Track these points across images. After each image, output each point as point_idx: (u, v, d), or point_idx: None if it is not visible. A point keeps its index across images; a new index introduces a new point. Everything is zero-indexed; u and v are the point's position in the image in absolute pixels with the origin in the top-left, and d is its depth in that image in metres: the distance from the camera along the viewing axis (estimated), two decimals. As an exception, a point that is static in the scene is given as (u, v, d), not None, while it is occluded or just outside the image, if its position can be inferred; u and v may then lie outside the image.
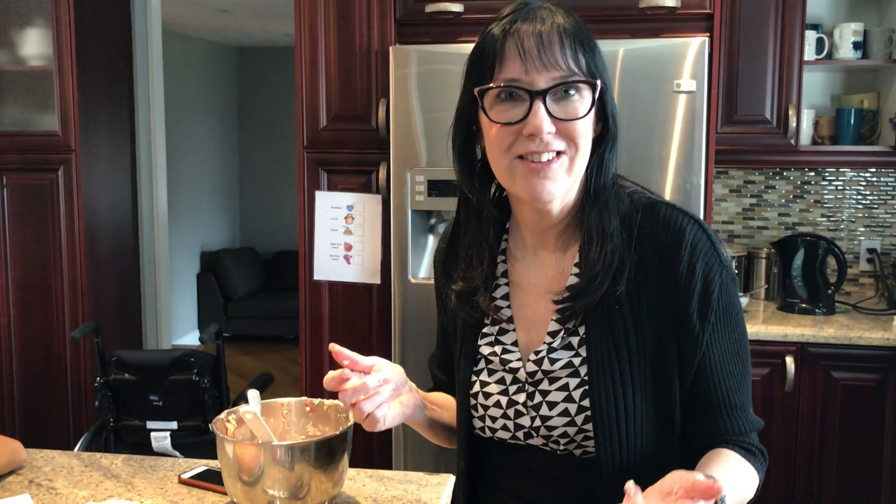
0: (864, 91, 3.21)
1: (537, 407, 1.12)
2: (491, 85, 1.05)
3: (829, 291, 2.94)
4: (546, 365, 1.11)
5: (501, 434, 1.17)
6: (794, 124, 2.88)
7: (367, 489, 1.45)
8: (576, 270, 1.12)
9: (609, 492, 1.07)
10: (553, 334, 1.12)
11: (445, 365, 1.35)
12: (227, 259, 7.55)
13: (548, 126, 1.02)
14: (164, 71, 4.11)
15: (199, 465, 1.53)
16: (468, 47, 2.61)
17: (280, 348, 7.13)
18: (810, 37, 2.99)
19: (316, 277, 2.82)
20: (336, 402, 1.42)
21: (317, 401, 1.44)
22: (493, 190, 1.19)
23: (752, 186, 3.35)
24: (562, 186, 1.06)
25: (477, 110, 1.09)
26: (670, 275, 1.07)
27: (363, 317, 2.84)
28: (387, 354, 2.76)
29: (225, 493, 1.37)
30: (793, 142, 2.91)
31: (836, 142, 3.11)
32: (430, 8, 2.66)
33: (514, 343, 1.16)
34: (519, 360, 1.14)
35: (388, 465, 2.78)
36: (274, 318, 7.29)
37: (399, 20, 2.73)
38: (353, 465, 1.50)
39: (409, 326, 2.68)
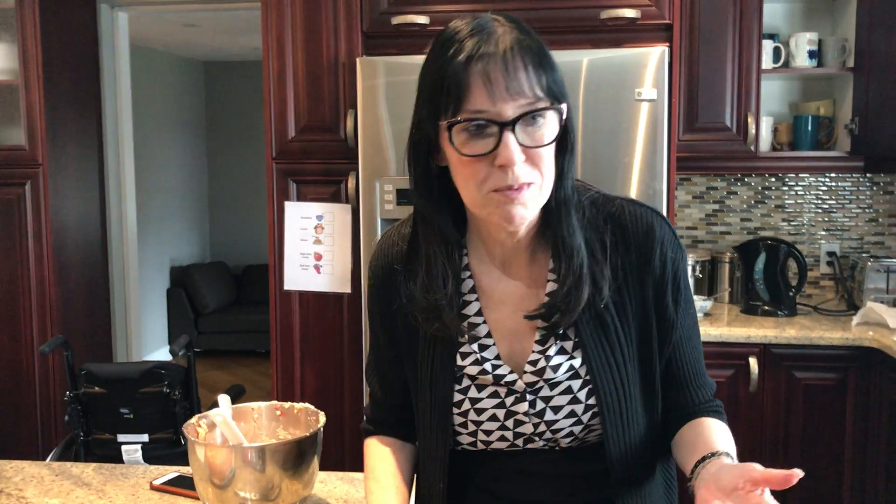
0: (820, 98, 3.30)
1: (541, 413, 1.13)
2: (458, 119, 1.01)
3: (791, 294, 3.01)
4: (548, 374, 1.12)
5: (497, 445, 1.15)
6: (754, 131, 2.96)
7: (338, 491, 1.47)
8: (552, 277, 1.13)
9: (619, 477, 1.13)
10: (542, 341, 1.13)
11: (395, 389, 1.27)
12: (198, 274, 7.51)
13: (518, 156, 1.01)
14: (132, 85, 4.11)
15: (171, 472, 1.54)
16: (434, 58, 2.64)
17: (251, 362, 7.10)
18: (767, 46, 3.07)
19: (286, 287, 2.83)
20: (306, 405, 1.44)
21: (287, 404, 1.46)
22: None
23: (715, 192, 3.42)
24: (533, 210, 1.07)
25: (437, 136, 1.07)
26: (648, 270, 1.13)
27: (334, 326, 2.85)
28: (358, 363, 2.78)
29: (197, 498, 1.39)
30: (753, 148, 2.98)
31: (795, 148, 3.19)
32: (396, 20, 2.70)
33: (498, 357, 1.14)
34: (512, 372, 1.13)
35: (360, 469, 2.79)
36: (245, 332, 7.26)
37: (366, 32, 2.76)
38: (325, 468, 1.53)
39: (380, 334, 2.71)
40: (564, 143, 1.09)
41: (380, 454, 1.28)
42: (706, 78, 2.97)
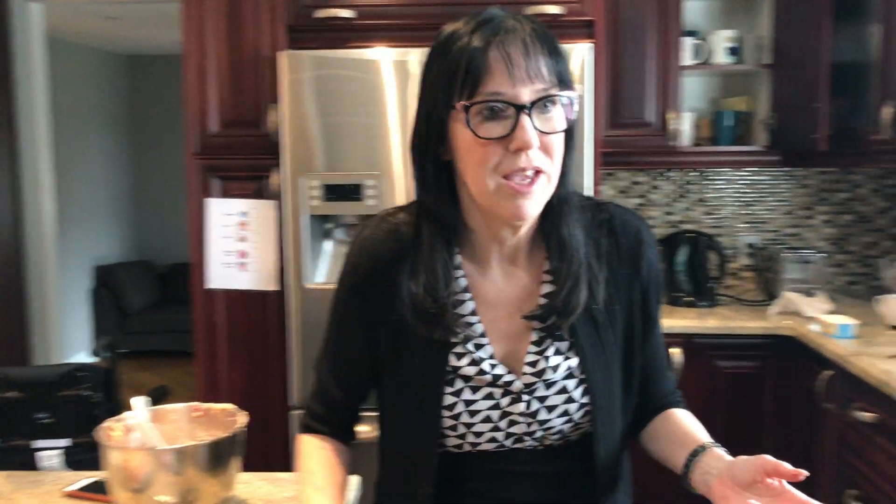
0: (739, 94, 3.39)
1: (535, 413, 1.12)
2: (478, 99, 1.00)
3: (712, 285, 3.09)
4: (548, 374, 1.11)
5: (486, 446, 1.14)
6: (675, 126, 3.02)
7: (261, 491, 1.45)
8: (548, 278, 1.13)
9: (605, 472, 1.15)
10: (539, 342, 1.12)
11: (350, 385, 1.25)
12: (122, 273, 7.32)
13: (535, 140, 1.00)
14: (51, 80, 3.97)
15: (86, 478, 1.49)
16: (360, 52, 2.64)
17: (179, 363, 6.95)
18: (688, 43, 3.14)
19: (210, 286, 2.78)
20: (226, 405, 1.41)
21: (206, 405, 1.43)
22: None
23: (639, 187, 3.48)
24: (541, 203, 1.06)
25: (447, 125, 1.05)
26: (636, 274, 1.16)
27: (260, 324, 2.81)
28: (284, 361, 2.74)
29: None
30: (674, 143, 3.05)
31: (715, 143, 3.28)
32: (320, 14, 2.67)
33: (493, 356, 1.12)
34: (510, 373, 1.11)
35: (287, 468, 2.76)
36: (172, 331, 7.10)
37: (289, 26, 2.72)
38: (251, 469, 1.50)
39: (307, 332, 2.68)
40: (569, 141, 1.08)
41: (319, 457, 1.23)
42: (629, 74, 3.02)
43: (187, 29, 2.74)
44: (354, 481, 1.49)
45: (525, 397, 1.12)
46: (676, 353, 2.79)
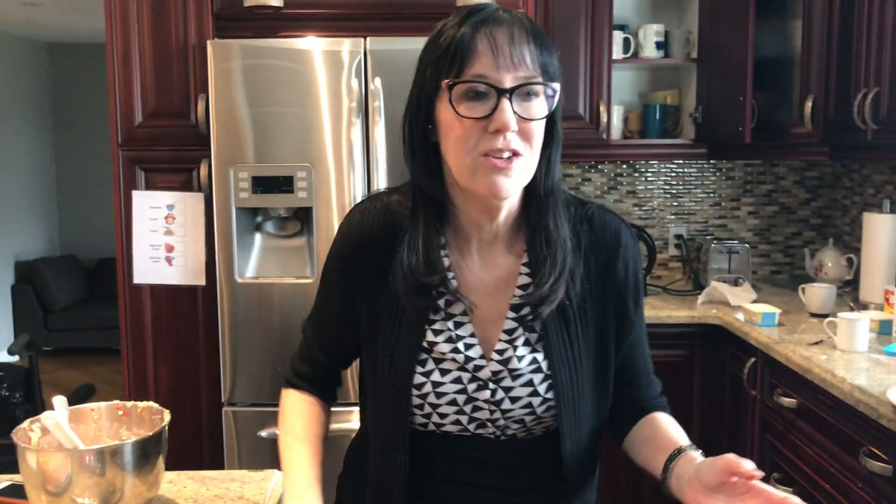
0: (667, 88, 3.45)
1: (499, 402, 1.15)
2: (462, 79, 1.05)
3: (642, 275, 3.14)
4: (514, 363, 1.14)
5: (450, 428, 1.17)
6: (606, 120, 3.06)
7: (188, 490, 1.42)
8: (525, 270, 1.16)
9: (572, 465, 1.18)
10: (510, 332, 1.15)
11: (333, 351, 1.31)
12: (46, 268, 7.09)
13: (513, 124, 1.04)
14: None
15: (3, 481, 1.44)
16: (290, 42, 2.60)
17: (107, 360, 6.78)
18: (618, 37, 3.18)
19: (136, 281, 2.71)
20: (150, 403, 1.37)
21: (130, 404, 1.38)
22: None
23: (570, 179, 3.52)
24: (519, 184, 1.09)
25: (435, 105, 1.10)
26: (613, 274, 1.18)
27: (189, 320, 2.75)
28: (215, 357, 2.69)
29: (30, 507, 1.30)
30: (605, 136, 3.09)
31: (644, 136, 3.33)
32: (248, 2, 2.62)
33: (473, 335, 1.15)
34: (482, 357, 1.15)
35: (220, 466, 2.71)
36: (100, 328, 6.92)
37: (217, 14, 2.66)
38: (182, 467, 1.47)
39: (238, 327, 2.63)
40: (552, 134, 1.13)
41: (301, 410, 1.29)
42: (560, 68, 3.03)
43: (110, 16, 2.65)
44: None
45: (491, 385, 1.15)
46: (608, 342, 2.83)
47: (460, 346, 1.15)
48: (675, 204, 3.52)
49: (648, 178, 3.52)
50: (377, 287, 1.18)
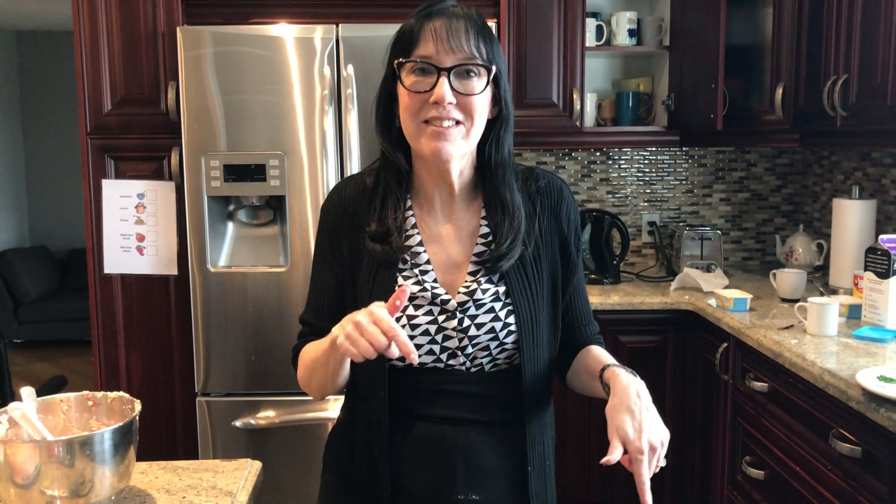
0: (640, 76, 3.46)
1: (465, 329, 1.31)
2: (407, 60, 1.28)
3: (615, 262, 3.16)
4: (478, 294, 1.31)
5: (425, 359, 1.31)
6: (579, 107, 3.06)
7: (160, 481, 1.41)
8: (485, 223, 1.36)
9: (531, 396, 1.34)
10: (474, 273, 1.34)
11: (331, 315, 1.37)
12: (16, 259, 6.98)
13: (449, 97, 1.24)
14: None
15: (-29, 474, 1.41)
16: (262, 29, 2.58)
17: (79, 352, 6.71)
18: (591, 24, 3.18)
19: (107, 271, 2.67)
20: (121, 393, 1.36)
21: (100, 394, 1.37)
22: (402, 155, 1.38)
23: (545, 167, 3.52)
24: (459, 148, 1.28)
25: (396, 82, 1.30)
26: (558, 224, 1.40)
27: (161, 310, 2.72)
28: (189, 347, 2.67)
29: (-2, 500, 1.28)
30: (578, 124, 3.09)
31: (617, 123, 3.34)
32: (218, -12, 2.59)
33: (435, 281, 1.33)
34: (447, 294, 1.32)
35: (194, 456, 2.69)
36: (72, 320, 6.84)
37: (186, 0, 2.63)
38: (155, 457, 1.45)
39: (211, 317, 2.61)
40: (500, 115, 1.34)
41: (312, 343, 1.37)
42: (533, 55, 3.04)
43: (77, 2, 2.61)
44: (257, 466, 1.46)
45: (458, 315, 1.31)
46: (582, 329, 2.85)
47: (426, 286, 1.32)
48: (648, 191, 3.54)
49: (622, 166, 3.53)
50: (356, 243, 1.37)
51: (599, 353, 1.38)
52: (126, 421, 1.24)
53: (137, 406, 1.31)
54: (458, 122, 1.26)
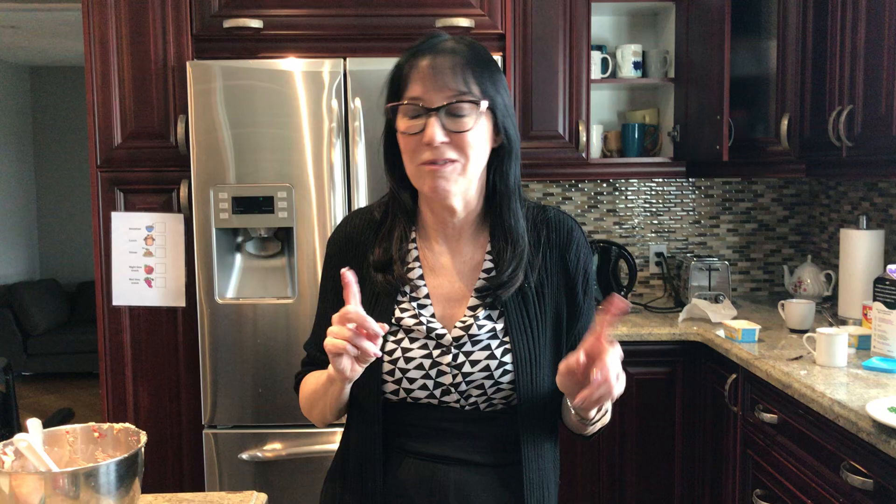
0: (645, 107, 3.48)
1: (460, 366, 1.29)
2: (399, 102, 1.27)
3: (623, 293, 3.15)
4: (473, 330, 1.30)
5: (418, 394, 1.30)
6: (585, 139, 3.08)
7: (164, 513, 1.40)
8: (489, 258, 1.34)
9: (529, 438, 1.31)
10: (473, 308, 1.32)
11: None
12: (26, 292, 7.02)
13: (440, 137, 1.23)
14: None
15: (-24, 506, 1.41)
16: (271, 63, 2.61)
17: (87, 385, 6.71)
18: (596, 57, 3.21)
19: (115, 303, 2.68)
20: (127, 425, 1.36)
21: (106, 426, 1.37)
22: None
23: (551, 198, 3.53)
24: (457, 186, 1.27)
25: (395, 126, 1.30)
26: (565, 265, 1.36)
27: (169, 342, 2.73)
28: (196, 378, 2.67)
29: (3, 532, 1.28)
30: (584, 155, 3.11)
31: (623, 154, 3.35)
32: (228, 23, 2.63)
33: (433, 315, 1.32)
34: (443, 328, 1.31)
35: (201, 487, 2.68)
36: (80, 353, 6.85)
37: (196, 35, 2.67)
38: (161, 489, 1.44)
39: (219, 349, 2.61)
40: (502, 145, 1.31)
41: (314, 373, 1.40)
42: (539, 87, 3.06)
43: (89, 38, 2.66)
44: (262, 499, 1.45)
45: (453, 350, 1.30)
46: (590, 360, 2.83)
47: (423, 320, 1.32)
48: (655, 222, 3.55)
49: (628, 197, 3.54)
50: (359, 274, 1.32)
51: None
52: (131, 452, 1.24)
53: (143, 437, 1.31)
54: (453, 161, 1.25)
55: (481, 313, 1.31)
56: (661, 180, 3.51)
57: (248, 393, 2.62)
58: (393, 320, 1.32)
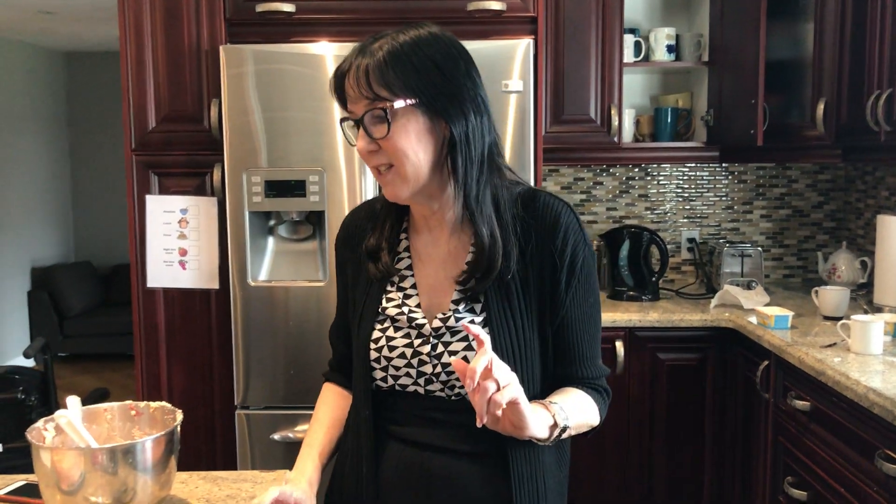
0: (678, 91, 3.44)
1: (439, 356, 1.30)
2: (341, 118, 1.30)
3: (654, 279, 3.13)
4: (451, 321, 1.30)
5: (404, 381, 1.32)
6: (617, 123, 3.06)
7: (200, 490, 1.42)
8: (472, 249, 1.32)
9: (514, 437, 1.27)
10: (457, 301, 1.32)
11: (345, 335, 1.47)
12: (61, 274, 7.14)
13: (365, 146, 1.25)
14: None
15: (18, 481, 1.45)
16: (302, 47, 2.63)
17: (121, 366, 6.82)
18: (629, 40, 3.18)
19: (150, 285, 2.72)
20: (163, 403, 1.39)
21: (143, 404, 1.40)
22: None
23: (582, 183, 3.51)
24: (404, 188, 1.27)
25: None
26: (550, 251, 1.31)
27: (202, 324, 2.76)
28: (228, 360, 2.70)
29: (44, 506, 1.31)
30: (616, 140, 3.09)
31: (656, 139, 3.32)
32: (260, 7, 2.64)
33: (418, 306, 1.34)
34: (424, 318, 1.32)
35: (233, 466, 2.72)
36: (114, 334, 6.96)
37: (229, 20, 2.68)
38: (194, 468, 1.47)
39: (251, 331, 2.64)
40: (455, 151, 1.26)
41: (326, 398, 1.50)
42: (571, 71, 3.04)
43: (124, 22, 2.68)
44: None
45: (433, 340, 1.31)
46: (619, 346, 2.83)
47: (405, 310, 1.34)
48: (688, 207, 3.51)
49: (660, 182, 3.51)
50: (357, 264, 1.42)
51: (570, 391, 1.31)
52: (168, 430, 1.27)
53: (179, 416, 1.34)
54: (389, 165, 1.25)
55: (462, 305, 1.31)
56: (693, 165, 3.48)
57: (279, 374, 2.65)
58: (380, 309, 1.36)
